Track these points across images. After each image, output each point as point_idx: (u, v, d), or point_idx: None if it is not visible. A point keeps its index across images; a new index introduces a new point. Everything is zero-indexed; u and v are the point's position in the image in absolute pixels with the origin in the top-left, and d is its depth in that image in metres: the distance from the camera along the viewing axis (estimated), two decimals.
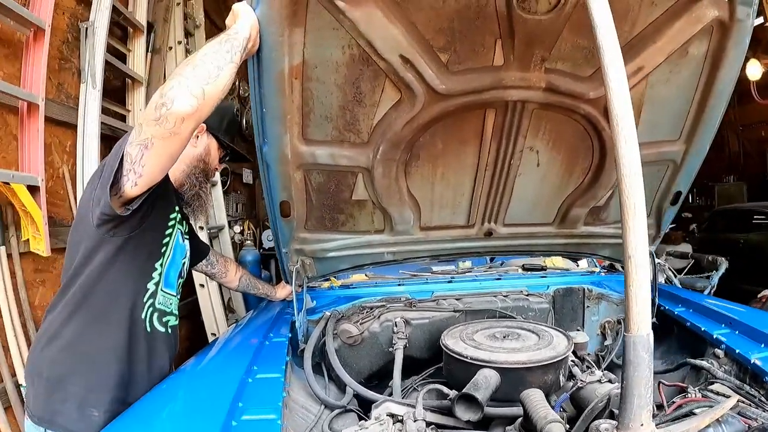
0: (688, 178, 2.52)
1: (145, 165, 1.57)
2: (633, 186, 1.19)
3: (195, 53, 1.58)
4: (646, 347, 1.20)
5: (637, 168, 1.20)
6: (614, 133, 1.21)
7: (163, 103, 1.47)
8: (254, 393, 1.64)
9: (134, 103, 4.09)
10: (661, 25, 1.89)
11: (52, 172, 3.23)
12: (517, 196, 2.47)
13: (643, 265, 1.19)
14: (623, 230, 1.21)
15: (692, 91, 2.19)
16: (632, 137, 1.20)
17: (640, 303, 1.19)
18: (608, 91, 1.22)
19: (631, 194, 1.20)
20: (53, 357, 1.79)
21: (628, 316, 1.21)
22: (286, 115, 1.94)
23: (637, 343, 1.20)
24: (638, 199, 1.19)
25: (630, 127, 1.20)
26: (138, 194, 1.66)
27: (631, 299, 1.20)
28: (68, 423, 1.74)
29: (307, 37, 1.75)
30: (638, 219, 1.19)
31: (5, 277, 2.73)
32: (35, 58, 2.89)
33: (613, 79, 1.23)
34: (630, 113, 1.21)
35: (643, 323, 1.20)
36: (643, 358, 1.20)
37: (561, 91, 2.04)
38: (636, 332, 1.20)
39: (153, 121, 1.49)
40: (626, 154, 1.20)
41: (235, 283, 2.77)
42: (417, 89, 1.94)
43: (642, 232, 1.19)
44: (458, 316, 2.40)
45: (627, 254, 1.20)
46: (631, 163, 1.20)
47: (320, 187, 2.26)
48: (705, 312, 2.36)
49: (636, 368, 1.20)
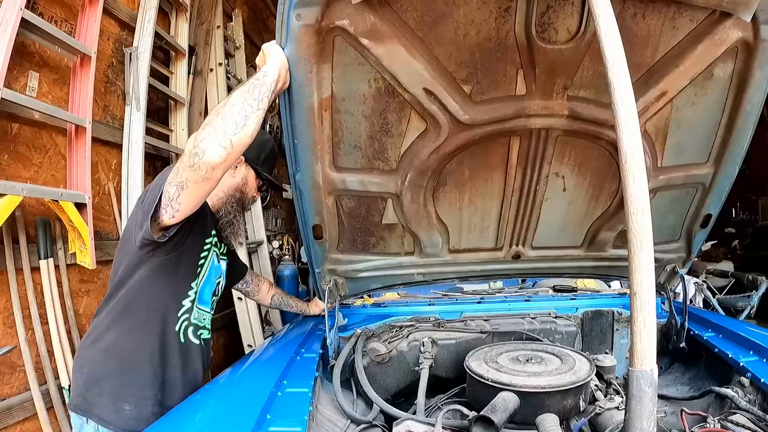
0: (718, 201, 2.50)
1: (181, 203, 1.77)
2: (641, 223, 1.23)
3: (225, 100, 1.69)
4: (650, 382, 1.23)
5: (645, 205, 1.23)
6: (622, 171, 1.25)
7: (195, 153, 1.63)
8: (282, 406, 1.72)
9: (177, 123, 4.28)
10: (684, 49, 1.90)
11: (99, 188, 3.43)
12: (544, 220, 2.51)
13: (649, 302, 1.22)
14: (630, 267, 1.24)
15: (719, 114, 2.18)
16: (641, 175, 1.24)
17: (645, 339, 1.22)
18: (618, 130, 1.26)
19: (638, 231, 1.23)
20: (94, 356, 2.01)
21: (633, 351, 1.24)
22: (317, 145, 2.04)
23: (640, 377, 1.23)
24: (645, 237, 1.23)
25: (639, 165, 1.24)
26: (174, 224, 1.86)
27: (635, 335, 1.23)
28: (103, 414, 1.94)
29: (335, 72, 1.85)
30: (645, 256, 1.23)
31: (52, 287, 2.92)
32: (82, 83, 3.07)
33: (623, 118, 1.26)
34: (639, 151, 1.25)
35: (647, 359, 1.23)
36: (646, 393, 1.23)
37: (584, 117, 2.08)
38: (640, 367, 1.23)
39: (188, 167, 1.66)
40: (634, 192, 1.23)
41: (267, 301, 2.92)
42: (441, 120, 2.01)
43: (649, 270, 1.22)
44: (485, 338, 2.44)
45: (633, 291, 1.23)
46: (638, 201, 1.23)
47: (351, 211, 2.36)
48: (734, 338, 2.32)
49: (639, 402, 1.24)
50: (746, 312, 4.76)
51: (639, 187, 1.24)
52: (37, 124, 2.89)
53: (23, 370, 2.79)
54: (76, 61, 3.09)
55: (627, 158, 1.25)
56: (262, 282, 2.92)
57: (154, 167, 4.11)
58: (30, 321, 2.83)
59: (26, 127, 2.83)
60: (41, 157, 2.93)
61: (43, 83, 2.93)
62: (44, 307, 2.89)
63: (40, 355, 2.86)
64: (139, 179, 3.45)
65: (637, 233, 1.24)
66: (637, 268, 1.23)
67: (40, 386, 2.82)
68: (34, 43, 2.83)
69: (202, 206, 1.92)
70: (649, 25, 1.81)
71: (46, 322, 2.90)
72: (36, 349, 2.86)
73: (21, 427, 2.78)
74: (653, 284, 1.24)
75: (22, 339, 2.74)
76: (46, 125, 2.95)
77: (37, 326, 2.84)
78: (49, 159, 2.99)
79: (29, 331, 2.81)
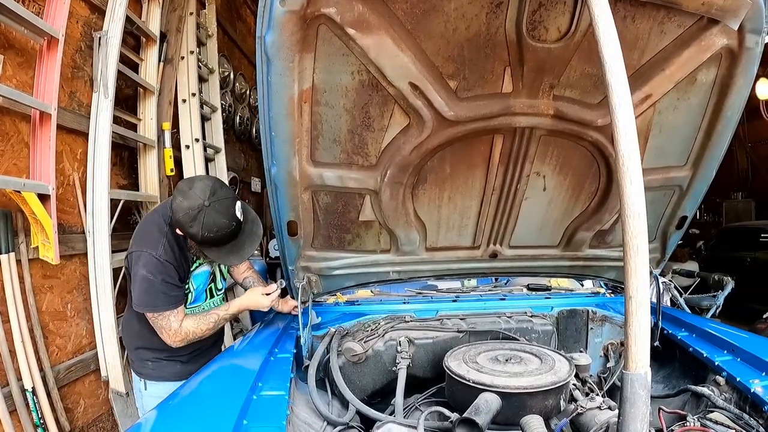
0: (694, 203, 2.54)
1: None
2: (637, 227, 1.22)
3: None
4: (644, 385, 1.23)
5: (642, 209, 1.22)
6: (619, 174, 1.24)
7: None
8: (259, 410, 1.66)
9: (145, 112, 4.11)
10: (670, 53, 1.92)
11: (63, 179, 3.27)
12: (523, 219, 2.50)
13: (644, 305, 1.21)
14: (625, 270, 1.23)
15: (700, 118, 2.21)
16: (638, 179, 1.22)
17: (639, 342, 1.21)
18: (615, 132, 1.25)
19: (634, 235, 1.22)
20: (129, 338, 2.61)
21: (627, 354, 1.23)
22: (295, 138, 1.97)
23: (635, 380, 1.23)
24: (641, 241, 1.22)
25: (636, 169, 1.22)
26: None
27: (630, 338, 1.22)
28: (138, 369, 2.56)
29: (317, 62, 1.79)
30: (641, 259, 1.22)
31: (14, 282, 2.76)
32: (48, 67, 2.92)
33: (621, 122, 1.25)
34: (636, 155, 1.24)
35: (642, 362, 1.22)
36: (640, 396, 1.23)
37: (569, 118, 2.07)
38: (634, 370, 1.23)
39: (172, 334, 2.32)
40: (631, 195, 1.22)
41: (240, 279, 2.87)
42: (426, 115, 1.97)
43: (644, 273, 1.22)
44: (462, 337, 2.41)
45: (628, 294, 1.22)
46: (635, 204, 1.22)
47: (328, 207, 2.30)
48: (708, 337, 2.36)
49: (633, 405, 1.23)
50: (712, 311, 4.91)
51: (636, 191, 1.23)
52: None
53: None
54: (43, 44, 2.93)
55: (624, 161, 1.23)
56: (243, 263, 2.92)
57: (121, 157, 3.96)
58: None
59: None
60: (3, 145, 2.77)
61: (7, 66, 2.76)
62: (5, 305, 2.74)
63: (2, 355, 2.70)
64: (105, 169, 3.30)
65: (634, 237, 1.22)
66: (632, 272, 1.22)
67: (2, 388, 2.67)
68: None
69: (177, 251, 2.33)
70: (638, 28, 1.82)
71: (7, 320, 2.75)
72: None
73: None
74: (648, 288, 1.23)
75: None
76: (9, 111, 2.78)
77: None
78: (12, 147, 2.83)
79: None
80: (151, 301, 2.28)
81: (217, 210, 2.15)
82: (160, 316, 2.29)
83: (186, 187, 2.19)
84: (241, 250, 2.34)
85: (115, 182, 3.73)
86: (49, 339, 3.11)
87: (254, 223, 2.40)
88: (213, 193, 2.15)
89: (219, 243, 2.25)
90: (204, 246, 2.27)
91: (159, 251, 2.26)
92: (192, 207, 2.12)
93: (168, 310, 2.29)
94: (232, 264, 2.63)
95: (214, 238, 2.19)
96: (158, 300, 2.27)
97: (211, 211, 2.13)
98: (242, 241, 2.32)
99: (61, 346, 3.23)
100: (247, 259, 2.95)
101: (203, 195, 2.14)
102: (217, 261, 2.38)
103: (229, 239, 2.25)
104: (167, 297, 2.28)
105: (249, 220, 2.37)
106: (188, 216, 2.13)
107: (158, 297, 2.26)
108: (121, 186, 3.93)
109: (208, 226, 2.14)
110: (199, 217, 2.12)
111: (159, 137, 4.18)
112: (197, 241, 2.24)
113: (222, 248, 2.28)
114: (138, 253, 2.29)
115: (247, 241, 2.34)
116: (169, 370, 2.50)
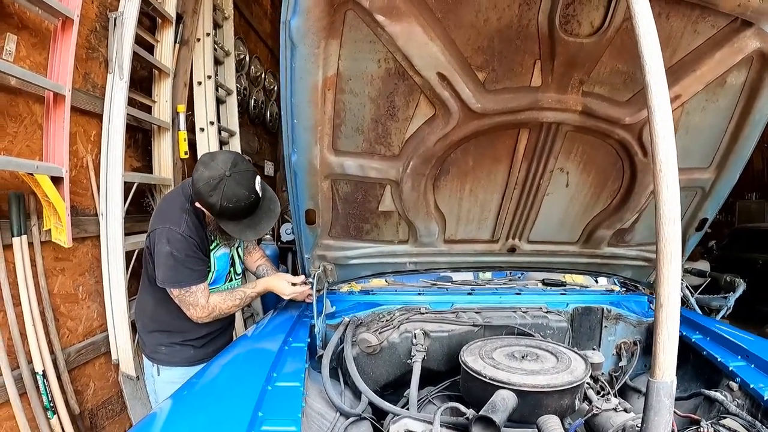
0: (715, 205, 2.51)
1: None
2: (672, 234, 1.18)
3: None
4: (669, 393, 1.21)
5: (677, 215, 1.18)
6: (655, 178, 1.20)
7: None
8: (274, 402, 1.65)
9: (160, 95, 4.05)
10: (702, 54, 1.88)
11: (76, 161, 3.23)
12: (543, 215, 2.47)
13: (674, 314, 1.18)
14: (657, 278, 1.20)
15: (727, 121, 2.18)
16: (674, 183, 1.19)
17: (668, 351, 1.19)
18: (653, 135, 1.21)
19: (669, 242, 1.18)
20: (143, 322, 2.62)
21: (655, 362, 1.21)
22: (317, 126, 1.95)
23: (660, 389, 1.20)
24: (675, 248, 1.18)
25: (673, 173, 1.19)
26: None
27: (659, 346, 1.20)
28: (151, 354, 2.57)
29: (343, 49, 1.75)
30: (674, 267, 1.18)
31: (26, 265, 2.74)
32: (63, 48, 2.85)
33: (659, 124, 1.20)
34: (674, 159, 1.20)
35: (669, 371, 1.20)
36: (664, 404, 1.21)
37: (597, 115, 2.03)
38: (661, 378, 1.20)
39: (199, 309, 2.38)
40: (667, 200, 1.18)
41: (253, 268, 2.88)
42: (452, 107, 1.93)
43: (676, 282, 1.18)
44: (477, 331, 2.40)
45: (659, 302, 1.19)
46: (671, 210, 1.18)
47: (347, 196, 2.27)
48: (722, 341, 2.34)
49: (657, 413, 1.21)
50: (722, 313, 4.86)
51: (672, 196, 1.19)
52: (13, 90, 2.67)
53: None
54: (57, 25, 2.86)
55: (662, 166, 1.19)
56: (257, 251, 2.94)
57: (135, 139, 3.92)
58: (1, 302, 2.65)
59: (1, 94, 2.61)
60: (16, 127, 2.72)
61: (21, 47, 2.71)
62: (17, 288, 2.72)
63: (13, 338, 2.68)
64: (119, 151, 3.26)
65: (668, 243, 1.19)
66: (665, 279, 1.19)
67: (13, 371, 2.64)
68: (13, 3, 2.61)
69: (199, 228, 2.35)
70: (672, 26, 1.77)
71: (18, 303, 2.73)
72: (8, 332, 2.68)
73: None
74: (679, 296, 1.20)
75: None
76: (22, 92, 2.73)
77: (9, 308, 2.66)
78: (25, 129, 2.78)
79: (0, 313, 2.63)
80: (177, 277, 2.29)
81: (237, 181, 2.15)
82: (186, 292, 2.31)
83: (208, 159, 2.21)
84: (257, 226, 2.32)
85: (128, 165, 3.70)
86: (60, 322, 3.10)
87: (272, 201, 2.39)
88: (234, 165, 2.16)
89: (237, 216, 2.24)
90: (222, 219, 2.25)
91: (182, 227, 2.27)
92: (213, 177, 2.13)
93: (194, 285, 2.31)
94: (248, 239, 2.61)
95: (233, 210, 2.19)
96: (184, 275, 2.28)
97: (232, 182, 2.14)
98: (259, 217, 2.32)
99: (72, 329, 3.23)
100: (260, 248, 2.96)
101: (225, 166, 2.15)
102: (233, 235, 2.35)
103: (246, 213, 2.25)
104: (192, 272, 2.30)
105: (267, 197, 2.36)
106: (209, 186, 2.14)
107: (183, 272, 2.28)
108: (134, 168, 3.89)
109: (227, 196, 2.14)
110: (220, 187, 2.13)
111: (173, 120, 4.13)
112: (216, 213, 2.22)
113: (239, 223, 2.27)
114: (161, 230, 2.29)
115: (264, 218, 2.34)
116: (183, 355, 2.52)
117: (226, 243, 2.55)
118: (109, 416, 3.55)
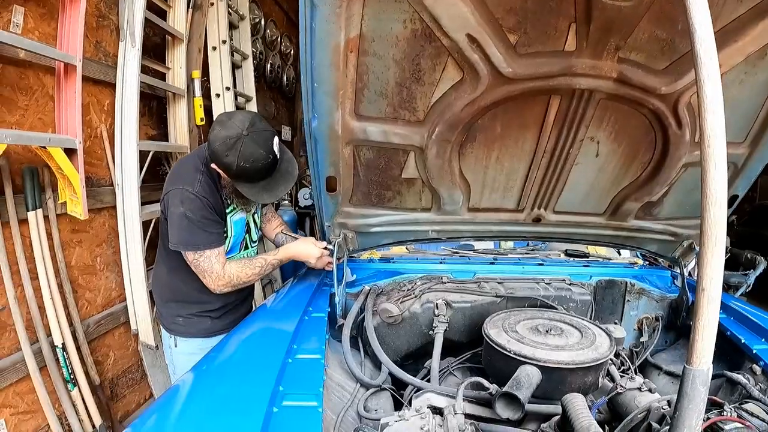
0: (747, 182, 2.42)
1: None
2: (718, 216, 1.11)
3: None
4: (705, 382, 1.16)
5: (723, 197, 1.11)
6: (703, 155, 1.11)
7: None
8: (295, 375, 1.64)
9: (174, 61, 3.96)
10: (744, 23, 1.75)
11: (90, 131, 3.19)
12: (570, 185, 2.39)
13: (715, 300, 1.12)
14: (700, 262, 1.13)
15: (764, 96, 2.08)
16: (722, 162, 1.11)
17: (706, 338, 1.13)
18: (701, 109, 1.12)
19: (714, 224, 1.11)
20: (160, 291, 2.60)
21: (692, 348, 1.15)
22: (338, 90, 1.87)
23: (696, 377, 1.15)
24: (720, 231, 1.11)
25: (722, 151, 1.11)
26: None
27: (697, 332, 1.14)
28: (168, 326, 2.55)
29: (367, 8, 1.66)
30: (718, 251, 1.11)
31: (42, 239, 2.74)
32: (72, 17, 2.75)
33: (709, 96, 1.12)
34: (723, 135, 1.12)
35: (705, 358, 1.14)
36: (699, 392, 1.16)
37: (632, 83, 1.93)
38: (697, 366, 1.15)
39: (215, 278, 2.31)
40: (714, 180, 1.10)
41: (271, 236, 2.83)
42: (481, 70, 1.84)
43: (719, 267, 1.12)
44: (499, 302, 2.36)
45: (701, 286, 1.13)
46: (717, 191, 1.10)
47: (369, 163, 2.21)
48: (746, 322, 2.28)
49: (691, 401, 1.17)
50: (741, 290, 4.75)
51: (720, 176, 1.11)
52: (22, 63, 2.62)
53: (14, 329, 2.63)
54: None
55: (710, 141, 1.11)
56: (275, 218, 2.88)
57: (149, 107, 3.86)
58: (19, 277, 2.66)
59: (10, 67, 2.56)
60: (27, 100, 2.67)
61: (28, 18, 2.64)
62: (33, 262, 2.72)
63: (31, 312, 2.71)
64: (134, 120, 3.19)
65: (713, 225, 1.11)
66: (708, 263, 1.12)
67: (32, 345, 2.68)
68: None
69: (214, 190, 2.29)
70: None
71: (36, 277, 2.74)
72: (26, 307, 2.70)
73: (14, 388, 2.66)
74: (721, 282, 1.14)
75: (11, 297, 2.57)
76: (32, 64, 2.67)
77: (26, 282, 2.68)
78: (36, 101, 2.73)
79: (18, 288, 2.64)
80: (191, 239, 2.22)
81: (254, 140, 2.08)
82: (201, 256, 2.24)
83: (225, 118, 2.13)
84: (275, 189, 2.24)
85: (143, 133, 3.66)
86: (78, 293, 3.12)
87: (290, 163, 2.31)
88: (252, 125, 2.09)
89: (253, 178, 2.17)
90: (238, 181, 2.17)
91: (196, 187, 2.20)
92: (230, 136, 2.06)
93: (209, 249, 2.24)
94: (265, 201, 2.55)
95: (250, 171, 2.11)
96: (198, 237, 2.22)
97: (249, 141, 2.07)
98: (276, 180, 2.24)
99: (90, 300, 3.26)
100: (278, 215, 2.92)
101: (242, 125, 2.07)
102: (250, 198, 2.26)
103: (263, 175, 2.17)
104: (207, 234, 2.23)
105: (285, 159, 2.28)
106: (225, 145, 2.06)
107: (198, 234, 2.22)
108: (150, 137, 3.85)
109: (244, 156, 2.07)
110: (237, 146, 2.05)
111: (188, 86, 4.05)
112: (232, 174, 2.15)
113: (255, 185, 2.19)
114: (174, 191, 2.22)
115: (281, 180, 2.25)
116: (200, 326, 2.50)
117: (243, 207, 2.48)
118: (129, 385, 3.62)
